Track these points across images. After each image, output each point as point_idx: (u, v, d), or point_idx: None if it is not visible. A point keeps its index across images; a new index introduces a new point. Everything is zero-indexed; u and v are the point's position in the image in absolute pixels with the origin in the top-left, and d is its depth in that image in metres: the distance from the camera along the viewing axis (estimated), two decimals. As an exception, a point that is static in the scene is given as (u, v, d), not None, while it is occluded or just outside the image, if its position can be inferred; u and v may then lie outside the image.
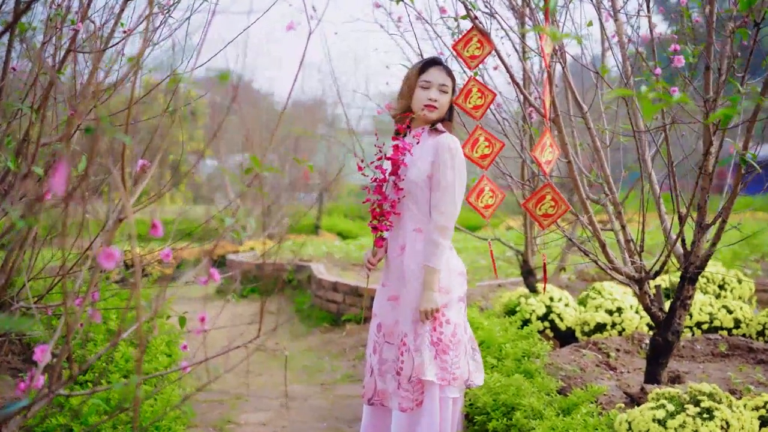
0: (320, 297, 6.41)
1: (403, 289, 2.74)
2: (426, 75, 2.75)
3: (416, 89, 2.75)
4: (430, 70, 2.77)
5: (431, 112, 2.75)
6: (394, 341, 2.76)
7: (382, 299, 2.82)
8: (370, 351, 2.83)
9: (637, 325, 4.11)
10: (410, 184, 2.72)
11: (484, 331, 3.74)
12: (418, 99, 2.75)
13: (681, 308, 3.42)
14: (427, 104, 2.73)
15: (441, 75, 2.77)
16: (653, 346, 3.46)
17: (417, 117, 2.77)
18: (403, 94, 2.80)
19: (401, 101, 2.81)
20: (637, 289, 3.40)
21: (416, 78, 2.76)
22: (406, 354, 2.69)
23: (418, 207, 2.73)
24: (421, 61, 2.84)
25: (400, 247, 2.77)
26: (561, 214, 2.92)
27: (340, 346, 5.54)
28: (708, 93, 3.08)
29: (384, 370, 2.76)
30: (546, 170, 2.85)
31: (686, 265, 3.31)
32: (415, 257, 2.72)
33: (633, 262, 3.36)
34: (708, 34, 3.11)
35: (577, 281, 5.95)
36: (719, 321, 4.09)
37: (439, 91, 2.75)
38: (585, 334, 4.16)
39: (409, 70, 2.84)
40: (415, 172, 2.71)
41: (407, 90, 2.78)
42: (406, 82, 2.80)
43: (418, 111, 2.75)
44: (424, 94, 2.74)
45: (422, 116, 2.76)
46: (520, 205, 3.47)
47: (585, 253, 3.32)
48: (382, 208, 2.75)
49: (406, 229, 2.76)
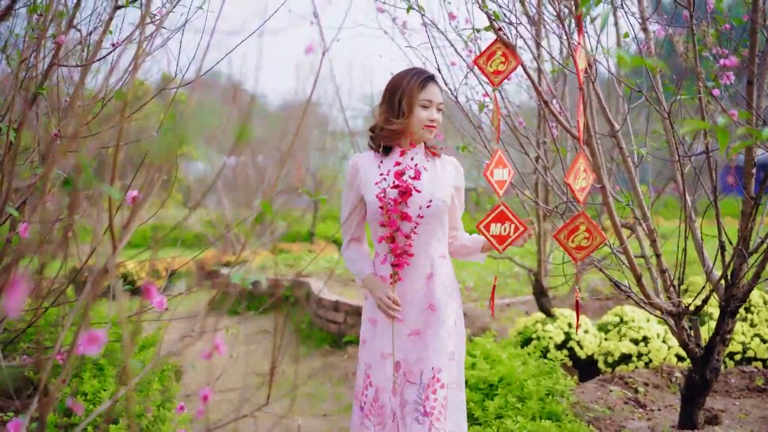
0: (320, 316, 6.11)
1: (432, 320, 2.47)
2: (426, 93, 2.48)
3: (416, 108, 2.48)
4: (429, 87, 2.50)
5: (431, 133, 2.52)
6: (416, 380, 2.46)
7: (401, 335, 2.50)
8: (387, 396, 2.50)
9: (665, 355, 3.84)
10: (440, 207, 2.48)
11: (504, 367, 3.45)
12: (418, 119, 2.48)
13: (720, 344, 3.14)
14: (429, 125, 2.50)
15: (438, 93, 2.54)
16: (689, 385, 3.19)
17: (411, 137, 2.51)
18: (404, 112, 2.48)
19: (400, 121, 2.48)
20: (674, 324, 3.13)
21: (417, 95, 2.48)
22: (439, 391, 2.43)
23: (443, 231, 2.54)
24: (418, 75, 2.51)
25: (425, 276, 2.50)
26: (596, 247, 2.64)
27: (342, 370, 5.24)
28: (751, 105, 2.81)
29: (405, 413, 2.46)
30: (580, 198, 2.57)
31: (727, 297, 3.05)
32: (443, 285, 2.51)
33: (668, 297, 3.09)
34: (750, 46, 2.84)
35: (590, 300, 5.67)
36: (753, 351, 3.82)
37: (437, 110, 2.53)
38: (609, 366, 3.88)
39: (401, 81, 2.51)
40: (442, 194, 2.50)
41: (408, 108, 2.48)
42: (405, 99, 2.48)
43: (417, 131, 2.49)
44: (425, 114, 2.48)
45: (421, 137, 2.52)
46: (553, 237, 3.19)
47: (617, 286, 3.04)
48: (397, 241, 2.46)
49: (432, 256, 2.51)
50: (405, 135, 2.51)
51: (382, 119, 2.54)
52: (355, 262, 2.56)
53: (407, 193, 2.46)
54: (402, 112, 2.48)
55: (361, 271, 2.53)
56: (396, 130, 2.50)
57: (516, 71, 2.92)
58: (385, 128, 2.51)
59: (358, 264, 2.55)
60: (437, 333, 2.46)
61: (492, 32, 2.68)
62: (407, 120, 2.49)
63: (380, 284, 2.46)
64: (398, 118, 2.49)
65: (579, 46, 2.47)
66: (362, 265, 2.54)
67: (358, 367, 2.57)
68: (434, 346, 2.44)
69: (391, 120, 2.50)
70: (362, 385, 2.52)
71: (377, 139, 2.56)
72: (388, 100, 2.53)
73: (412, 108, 2.48)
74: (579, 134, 2.59)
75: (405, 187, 2.44)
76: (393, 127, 2.50)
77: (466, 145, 3.23)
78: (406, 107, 2.47)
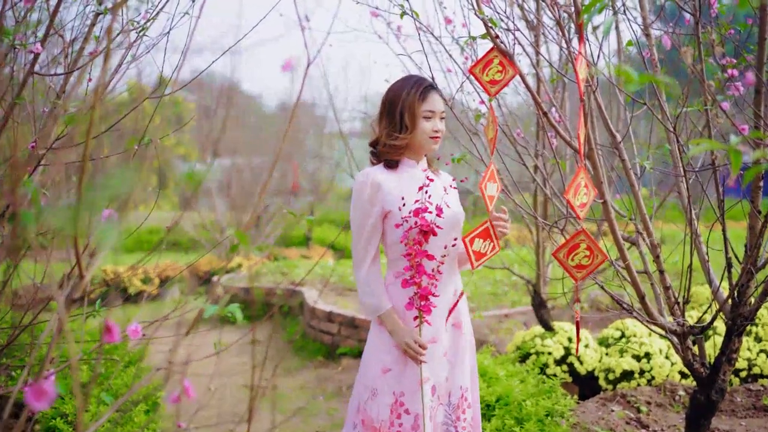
0: (314, 327, 5.97)
1: (458, 339, 2.43)
2: (428, 104, 2.37)
3: (419, 120, 2.36)
4: (431, 97, 2.38)
5: (437, 144, 2.42)
6: (445, 401, 2.39)
7: (437, 357, 2.39)
8: (427, 421, 2.32)
9: (668, 372, 3.71)
10: (459, 222, 2.45)
11: (501, 386, 3.32)
12: (423, 131, 2.37)
13: (726, 364, 3.01)
14: (434, 136, 2.39)
15: (440, 102, 2.42)
16: (694, 406, 3.06)
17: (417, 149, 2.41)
18: (407, 126, 2.36)
19: (404, 135, 2.36)
20: (678, 343, 3.00)
21: (419, 107, 2.35)
22: (468, 411, 2.40)
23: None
24: (418, 86, 2.39)
25: (453, 292, 2.44)
26: (597, 266, 2.51)
27: (336, 383, 5.11)
28: (759, 116, 2.69)
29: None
30: (580, 215, 2.44)
31: (734, 316, 2.92)
32: (464, 300, 2.51)
33: (673, 314, 2.96)
34: (759, 52, 2.71)
35: (591, 311, 5.54)
36: (759, 368, 3.69)
37: (441, 119, 2.41)
38: (610, 383, 3.75)
39: (400, 93, 2.38)
40: (458, 210, 2.45)
41: (411, 122, 2.36)
42: (407, 113, 2.35)
43: (422, 143, 2.39)
44: (429, 126, 2.37)
45: (426, 149, 2.42)
46: (552, 255, 3.06)
47: (620, 304, 2.91)
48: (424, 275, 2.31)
49: (457, 273, 2.49)
50: (410, 149, 2.41)
51: (384, 134, 2.42)
52: (373, 293, 2.33)
53: (430, 232, 2.33)
54: (405, 126, 2.37)
55: (379, 307, 2.32)
56: (400, 145, 2.39)
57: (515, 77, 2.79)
58: (387, 143, 2.39)
59: (376, 297, 2.33)
60: (464, 351, 2.43)
61: (489, 39, 2.56)
62: (411, 134, 2.38)
63: (404, 328, 2.30)
64: (401, 133, 2.38)
65: (579, 55, 2.35)
66: (381, 299, 2.33)
67: (379, 396, 2.32)
68: (461, 365, 2.41)
69: (394, 135, 2.38)
70: (391, 415, 2.31)
71: (380, 155, 2.44)
72: (387, 113, 2.41)
73: (415, 121, 2.36)
74: (579, 147, 2.46)
75: (427, 226, 2.30)
76: (397, 143, 2.38)
77: (462, 156, 3.09)
78: (409, 121, 2.36)
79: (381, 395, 2.32)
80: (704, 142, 1.29)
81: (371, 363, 2.36)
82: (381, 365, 2.34)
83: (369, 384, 2.34)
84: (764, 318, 4.17)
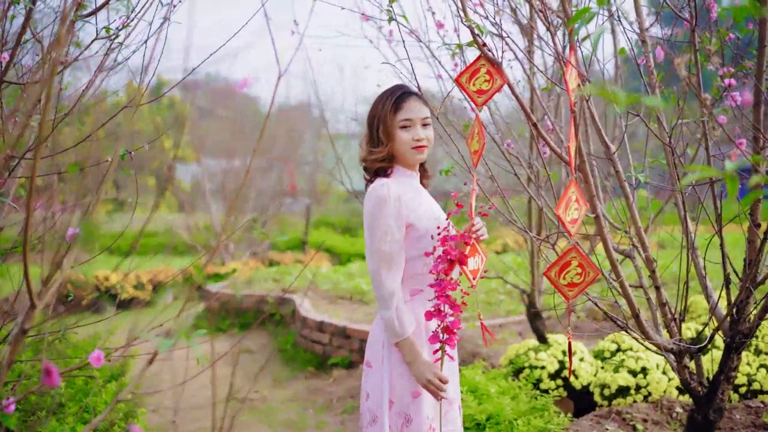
0: (305, 337, 5.85)
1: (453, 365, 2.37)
2: (404, 113, 2.23)
3: (396, 132, 2.23)
4: (406, 104, 2.24)
5: (422, 153, 2.27)
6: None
7: (455, 377, 2.36)
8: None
9: (666, 387, 3.59)
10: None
11: (492, 404, 3.21)
12: (402, 142, 2.23)
13: (725, 382, 2.91)
14: (417, 146, 2.24)
15: (420, 107, 2.27)
16: (691, 425, 2.96)
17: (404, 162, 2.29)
18: (382, 141, 2.24)
19: (380, 149, 2.24)
20: (674, 361, 2.89)
21: (393, 119, 2.23)
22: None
23: None
24: (390, 94, 2.26)
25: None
26: (590, 283, 2.40)
27: (326, 395, 4.99)
28: (759, 130, 2.57)
29: None
30: (572, 231, 2.33)
31: (733, 334, 2.81)
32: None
33: (669, 332, 2.86)
34: (759, 60, 2.60)
35: (587, 321, 5.43)
36: (759, 384, 3.58)
37: (423, 125, 2.26)
38: (605, 398, 3.64)
39: (377, 108, 2.27)
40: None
41: (385, 136, 2.23)
42: (381, 126, 2.24)
43: (406, 155, 2.25)
44: (408, 135, 2.23)
45: (412, 161, 2.28)
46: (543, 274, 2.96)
47: (614, 320, 2.81)
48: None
49: None
50: (399, 160, 2.28)
51: (365, 150, 2.32)
52: (403, 318, 2.14)
53: (457, 261, 2.17)
54: (380, 140, 2.25)
55: (404, 332, 2.14)
56: (379, 158, 2.27)
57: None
58: (369, 159, 2.28)
59: (405, 322, 2.14)
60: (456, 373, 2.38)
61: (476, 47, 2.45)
62: (387, 147, 2.26)
63: (425, 362, 2.14)
64: (378, 147, 2.27)
65: (569, 64, 2.24)
66: (408, 326, 2.16)
67: (414, 423, 2.16)
68: (456, 381, 2.36)
69: (372, 150, 2.28)
70: None
71: (366, 171, 2.34)
72: (368, 128, 2.32)
73: (390, 134, 2.24)
74: (570, 160, 2.35)
75: (454, 256, 2.13)
76: (374, 157, 2.26)
77: (451, 167, 2.99)
78: (383, 135, 2.24)
79: (416, 421, 2.17)
80: (698, 168, 1.20)
81: (399, 388, 2.17)
82: (411, 389, 2.17)
83: (402, 410, 2.17)
84: (764, 329, 4.06)
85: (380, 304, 2.15)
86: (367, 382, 2.22)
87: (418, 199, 2.26)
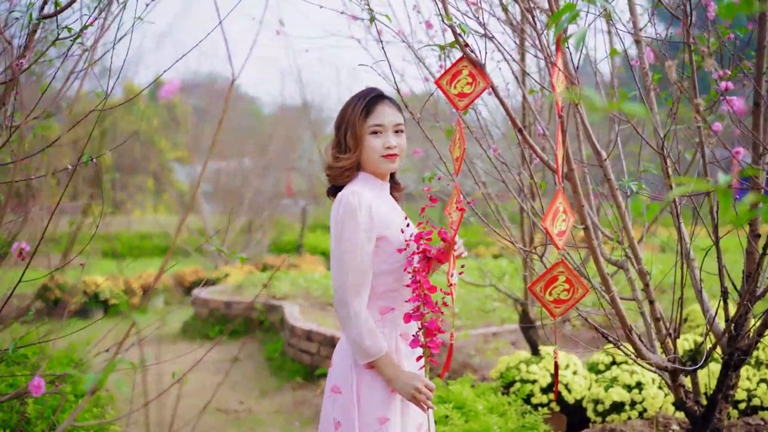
0: (293, 345, 5.70)
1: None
2: (374, 117, 2.07)
3: (365, 137, 2.07)
4: (378, 109, 2.08)
5: (393, 162, 2.10)
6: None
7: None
8: None
9: (661, 403, 3.44)
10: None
11: (479, 422, 3.05)
12: (372, 149, 2.07)
13: (723, 401, 2.76)
14: (387, 154, 2.08)
15: (393, 113, 2.11)
16: (688, 447, 2.81)
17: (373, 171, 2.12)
18: (350, 147, 2.08)
19: (347, 156, 2.08)
20: (669, 379, 2.74)
21: (362, 123, 2.07)
22: None
23: None
24: (360, 98, 2.10)
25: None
26: (578, 300, 2.24)
27: (313, 408, 4.84)
28: (758, 134, 2.43)
29: None
30: (559, 244, 2.18)
31: (731, 350, 2.66)
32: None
33: (664, 349, 2.71)
34: (758, 61, 2.45)
35: (582, 329, 5.27)
36: (759, 399, 3.43)
37: (395, 132, 2.10)
38: (599, 415, 3.49)
39: (346, 111, 2.11)
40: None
41: (353, 142, 2.07)
42: (349, 131, 2.07)
43: (375, 164, 2.09)
44: (378, 142, 2.07)
45: (381, 169, 2.11)
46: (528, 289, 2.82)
47: (605, 336, 2.66)
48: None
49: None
50: (368, 169, 2.11)
51: (330, 157, 2.15)
52: (373, 334, 1.97)
53: (434, 259, 2.09)
54: (348, 147, 2.09)
55: (380, 349, 1.98)
56: (345, 167, 2.10)
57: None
58: (333, 166, 2.12)
59: (378, 339, 1.98)
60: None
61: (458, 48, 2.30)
62: (356, 154, 2.10)
63: (408, 373, 1.99)
64: (345, 154, 2.11)
65: (555, 67, 2.09)
66: (380, 340, 1.99)
67: None
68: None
69: (338, 156, 2.11)
70: None
71: (329, 179, 2.17)
72: (335, 133, 2.15)
73: (358, 140, 2.08)
74: (557, 169, 2.20)
75: (431, 253, 2.05)
76: (340, 165, 2.10)
77: (432, 175, 2.84)
78: (351, 141, 2.08)
79: None
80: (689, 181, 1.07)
81: (368, 415, 2.00)
82: (378, 415, 2.01)
83: None
84: (764, 341, 3.91)
85: (344, 323, 1.98)
86: (335, 409, 2.05)
87: (391, 210, 2.11)
